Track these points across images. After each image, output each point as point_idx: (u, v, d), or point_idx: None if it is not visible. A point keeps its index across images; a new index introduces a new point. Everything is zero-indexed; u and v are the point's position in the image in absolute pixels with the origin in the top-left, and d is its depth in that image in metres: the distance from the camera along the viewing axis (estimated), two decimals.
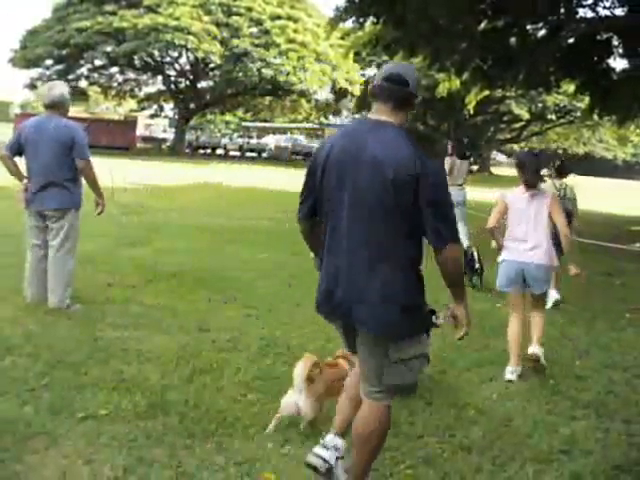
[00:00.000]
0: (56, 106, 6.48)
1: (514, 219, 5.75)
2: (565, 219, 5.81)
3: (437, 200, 3.11)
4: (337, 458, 3.58)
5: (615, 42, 15.53)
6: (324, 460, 3.52)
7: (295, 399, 4.17)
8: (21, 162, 6.65)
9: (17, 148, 6.57)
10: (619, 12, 15.92)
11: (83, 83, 45.88)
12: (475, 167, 54.55)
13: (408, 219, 3.13)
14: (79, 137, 6.49)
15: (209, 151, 53.92)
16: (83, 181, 6.78)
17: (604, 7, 15.72)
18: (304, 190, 3.51)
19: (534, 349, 5.74)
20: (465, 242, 10.35)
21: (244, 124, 67.99)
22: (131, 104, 56.81)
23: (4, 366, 5.00)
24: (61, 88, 6.67)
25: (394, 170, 3.06)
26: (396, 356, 3.27)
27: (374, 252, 3.19)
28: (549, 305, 7.62)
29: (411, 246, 3.22)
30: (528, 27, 16.27)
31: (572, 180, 8.54)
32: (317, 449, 3.57)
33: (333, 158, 3.25)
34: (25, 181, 6.57)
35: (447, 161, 11.35)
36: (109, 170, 16.04)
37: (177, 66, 46.83)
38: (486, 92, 21.38)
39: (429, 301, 3.35)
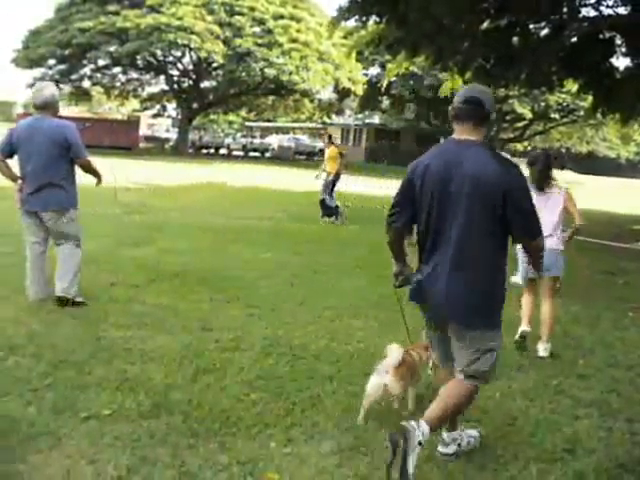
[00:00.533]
0: (47, 107, 6.54)
1: None
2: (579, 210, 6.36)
3: (526, 208, 3.72)
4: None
5: (618, 41, 15.52)
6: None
7: (382, 381, 4.37)
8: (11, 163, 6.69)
9: (9, 150, 6.59)
10: (622, 11, 15.94)
11: (86, 83, 45.89)
12: None
13: (496, 223, 3.70)
14: (73, 136, 6.52)
15: (212, 151, 53.94)
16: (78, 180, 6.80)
17: (607, 6, 15.74)
18: (401, 201, 3.97)
19: (542, 350, 6.15)
20: None
21: (247, 124, 68.09)
22: (134, 104, 56.85)
23: (7, 366, 5.01)
24: (51, 89, 6.73)
25: (488, 184, 3.63)
26: (480, 345, 3.81)
27: (468, 252, 3.72)
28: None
29: (497, 247, 3.80)
30: (531, 26, 16.28)
31: (563, 175, 8.74)
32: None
33: (431, 174, 3.77)
34: (20, 182, 6.59)
35: None
36: (112, 170, 16.08)
37: (180, 66, 46.84)
38: None
39: None
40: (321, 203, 14.97)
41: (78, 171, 6.79)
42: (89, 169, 6.87)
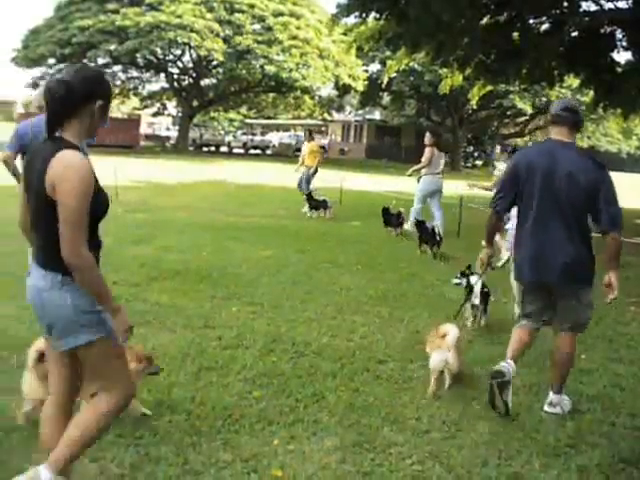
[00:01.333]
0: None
1: None
2: None
3: (613, 200, 4.58)
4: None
5: (619, 35, 15.49)
6: (507, 371, 4.64)
7: (444, 357, 4.96)
8: None
9: (20, 148, 6.58)
10: (622, 5, 15.90)
11: None
12: (479, 162, 54.59)
13: (587, 210, 4.60)
14: None
15: (213, 149, 53.93)
16: None
17: (607, 0, 15.69)
18: (505, 189, 4.89)
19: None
20: (437, 222, 11.81)
21: (248, 121, 68.00)
22: (134, 102, 56.80)
23: (11, 365, 5.02)
24: None
25: (584, 180, 4.50)
26: (583, 300, 4.75)
27: (567, 232, 4.60)
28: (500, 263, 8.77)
29: (587, 228, 4.70)
30: (531, 21, 16.24)
31: None
32: (502, 363, 4.70)
33: (534, 169, 4.64)
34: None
35: (427, 151, 11.87)
36: (113, 168, 16.08)
37: (180, 64, 46.80)
38: (489, 87, 21.36)
39: None
40: (308, 197, 15.27)
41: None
42: None
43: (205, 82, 48.07)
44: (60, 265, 2.95)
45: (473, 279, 6.83)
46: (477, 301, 6.74)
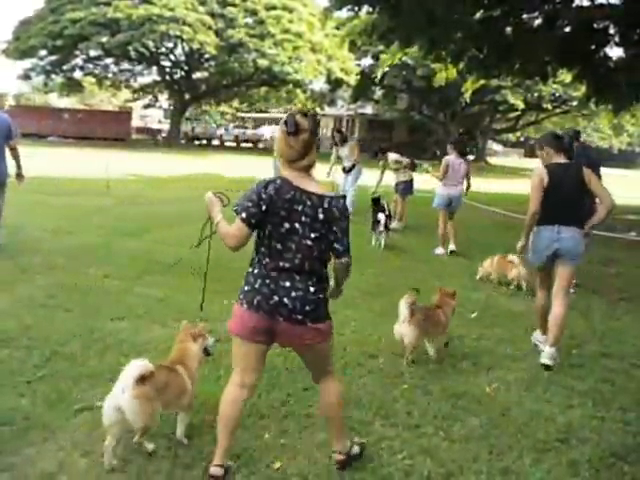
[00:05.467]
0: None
1: None
2: None
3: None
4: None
5: (612, 30, 15.48)
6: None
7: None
8: None
9: None
10: (615, 0, 15.88)
11: (77, 74, 45.67)
12: (471, 157, 54.63)
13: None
14: (14, 124, 8.61)
15: (204, 142, 53.78)
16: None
17: None
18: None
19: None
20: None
21: (239, 115, 67.86)
22: (126, 94, 56.59)
23: (0, 358, 5.00)
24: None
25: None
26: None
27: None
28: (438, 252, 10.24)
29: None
30: (524, 16, 16.23)
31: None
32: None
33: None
34: None
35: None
36: (105, 161, 16.03)
37: (172, 57, 46.59)
38: (482, 81, 21.36)
39: None
40: None
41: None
42: (19, 155, 8.70)
43: (197, 75, 47.92)
44: None
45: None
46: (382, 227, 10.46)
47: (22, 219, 10.77)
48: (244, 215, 3.46)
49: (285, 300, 3.41)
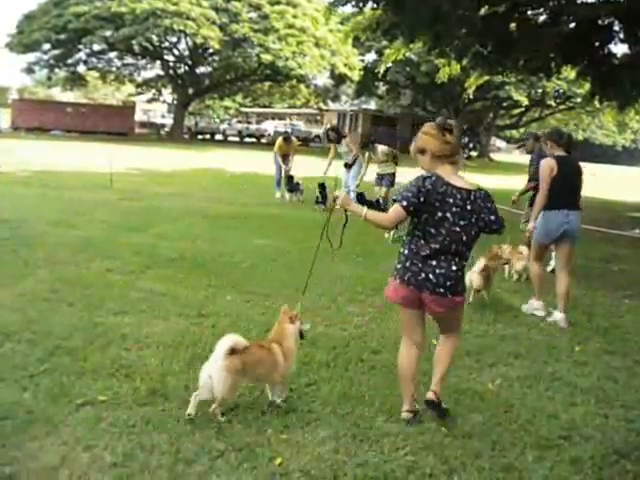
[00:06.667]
0: None
1: None
2: None
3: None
4: None
5: (616, 27, 15.43)
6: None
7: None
8: None
9: None
10: None
11: (81, 68, 45.70)
12: (474, 153, 54.58)
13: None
14: None
15: (208, 137, 53.79)
16: None
17: None
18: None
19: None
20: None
21: (243, 110, 67.82)
22: (129, 89, 56.58)
23: (3, 352, 4.99)
24: None
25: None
26: None
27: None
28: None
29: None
30: (529, 12, 16.18)
31: None
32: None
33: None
34: None
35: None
36: (108, 156, 16.03)
37: (176, 51, 46.61)
38: (486, 77, 21.32)
39: None
40: (289, 178, 15.72)
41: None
42: None
43: (201, 70, 47.94)
44: None
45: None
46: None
47: (25, 213, 10.78)
48: (405, 203, 4.09)
49: (430, 276, 4.11)
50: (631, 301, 8.10)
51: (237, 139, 53.70)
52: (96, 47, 42.55)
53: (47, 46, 41.02)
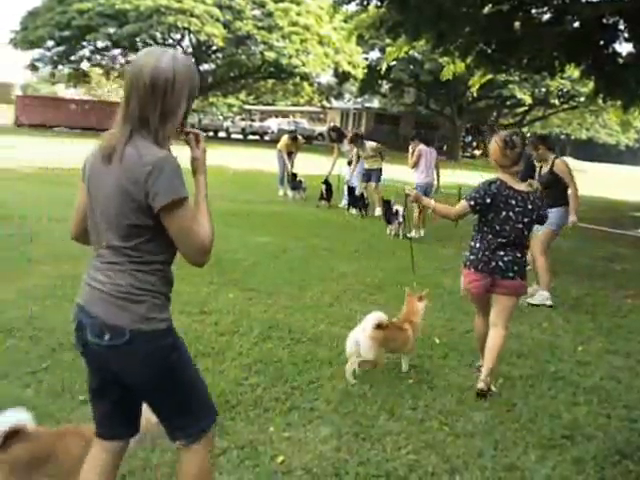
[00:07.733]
0: None
1: None
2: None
3: None
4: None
5: (621, 26, 15.40)
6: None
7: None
8: None
9: None
10: None
11: (85, 65, 45.69)
12: (478, 152, 54.56)
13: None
14: None
15: (211, 134, 53.75)
16: None
17: None
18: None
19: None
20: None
21: (246, 107, 67.81)
22: None
23: (6, 349, 5.00)
24: None
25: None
26: None
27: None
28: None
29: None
30: (533, 11, 16.17)
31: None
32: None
33: None
34: None
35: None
36: None
37: (179, 48, 46.58)
38: (489, 76, 21.29)
39: None
40: (292, 176, 15.80)
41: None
42: None
43: (204, 67, 47.87)
44: None
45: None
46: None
47: (28, 209, 10.79)
48: (472, 202, 4.78)
49: (500, 263, 4.79)
50: (634, 300, 8.09)
51: (240, 136, 53.66)
52: (100, 44, 42.51)
53: (51, 43, 41.00)
